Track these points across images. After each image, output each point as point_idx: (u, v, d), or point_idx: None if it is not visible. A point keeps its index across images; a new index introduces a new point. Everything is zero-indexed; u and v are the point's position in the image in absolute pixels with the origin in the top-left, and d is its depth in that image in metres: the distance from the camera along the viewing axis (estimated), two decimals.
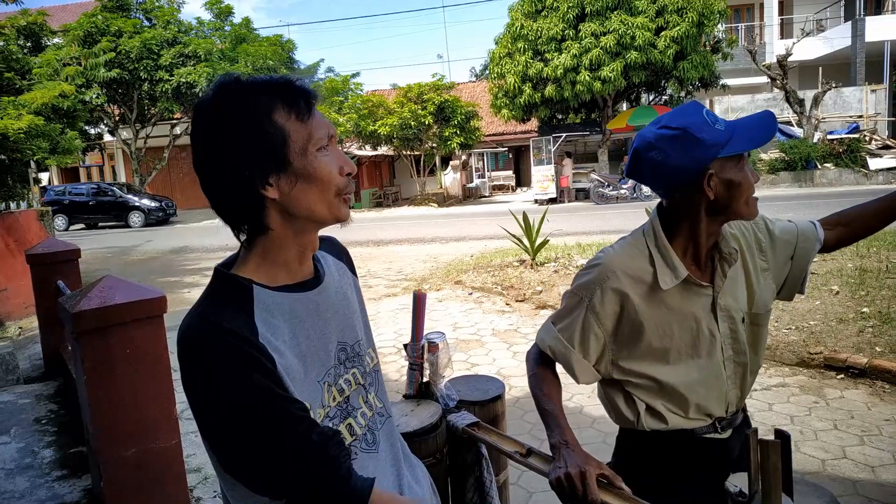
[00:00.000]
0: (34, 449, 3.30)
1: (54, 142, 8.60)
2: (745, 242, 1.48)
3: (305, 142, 0.98)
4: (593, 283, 1.44)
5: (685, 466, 1.44)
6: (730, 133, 1.31)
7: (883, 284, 5.93)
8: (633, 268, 1.42)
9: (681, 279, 1.38)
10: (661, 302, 1.41)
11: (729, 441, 1.48)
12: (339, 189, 1.02)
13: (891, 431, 3.48)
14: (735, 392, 1.47)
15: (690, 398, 1.42)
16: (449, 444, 1.62)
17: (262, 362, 0.93)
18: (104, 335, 2.35)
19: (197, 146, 1.00)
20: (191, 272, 11.16)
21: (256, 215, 1.00)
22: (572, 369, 1.47)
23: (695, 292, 1.41)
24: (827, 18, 25.04)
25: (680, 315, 1.41)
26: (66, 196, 22.96)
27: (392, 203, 26.32)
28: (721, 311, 1.43)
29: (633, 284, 1.41)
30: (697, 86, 20.28)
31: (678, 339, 1.42)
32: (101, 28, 20.90)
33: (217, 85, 0.99)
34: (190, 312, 0.98)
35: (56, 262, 4.56)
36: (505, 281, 7.88)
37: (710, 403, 1.44)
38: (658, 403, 1.44)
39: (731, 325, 1.44)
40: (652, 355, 1.42)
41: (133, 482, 2.45)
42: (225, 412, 0.91)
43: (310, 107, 1.00)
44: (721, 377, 1.44)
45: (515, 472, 3.08)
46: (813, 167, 18.97)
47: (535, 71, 19.09)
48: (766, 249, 1.51)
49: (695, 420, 1.44)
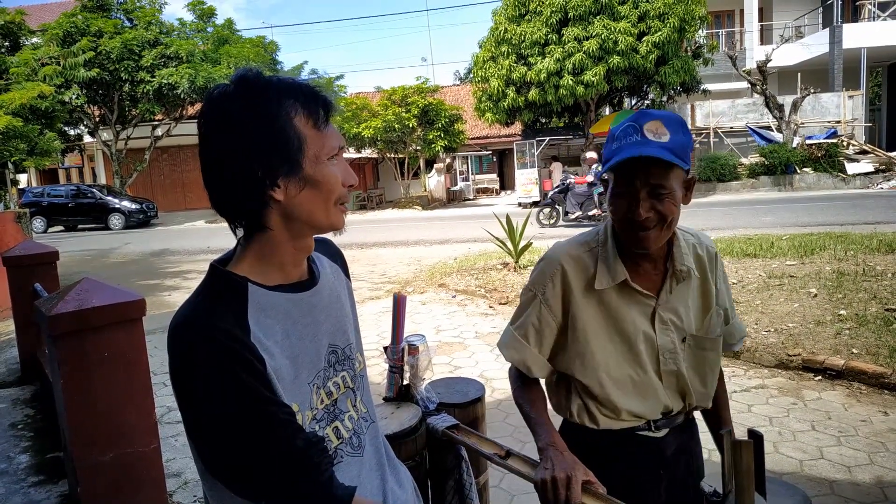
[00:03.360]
0: (10, 454, 3.25)
1: (32, 143, 8.49)
2: (710, 267, 1.48)
3: (319, 150, 0.99)
4: (543, 275, 1.48)
5: (616, 459, 1.46)
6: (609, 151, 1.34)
7: (860, 287, 6.03)
8: (578, 262, 1.45)
9: (617, 282, 1.40)
10: (599, 301, 1.42)
11: (664, 439, 1.49)
12: (339, 198, 1.03)
13: (867, 432, 3.53)
14: (676, 400, 1.47)
15: (621, 404, 1.42)
16: (429, 446, 1.62)
17: (251, 362, 0.92)
18: (81, 338, 2.32)
19: (208, 138, 0.98)
20: (171, 275, 11.04)
21: (257, 214, 1.00)
22: (528, 366, 1.49)
23: (635, 299, 1.41)
24: (805, 25, 25.42)
25: (617, 318, 1.42)
26: (44, 198, 22.67)
27: (376, 206, 26.27)
28: (660, 323, 1.42)
29: (576, 278, 1.44)
30: (679, 90, 20.50)
31: (613, 342, 1.43)
32: (80, 28, 20.66)
33: (239, 78, 0.98)
34: (183, 307, 0.98)
35: (33, 264, 4.49)
36: (488, 283, 7.90)
37: (644, 410, 1.44)
38: (591, 404, 1.46)
39: (671, 339, 1.42)
40: (589, 355, 1.43)
41: (111, 487, 2.41)
42: (209, 410, 0.91)
43: (328, 117, 1.01)
44: (657, 388, 1.44)
45: (498, 474, 3.08)
46: (792, 171, 19.23)
47: (519, 75, 19.17)
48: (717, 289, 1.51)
49: (626, 421, 1.46)
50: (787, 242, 8.67)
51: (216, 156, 0.98)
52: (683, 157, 1.28)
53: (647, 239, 1.33)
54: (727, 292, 1.53)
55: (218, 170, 0.98)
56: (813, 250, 7.99)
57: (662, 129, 1.27)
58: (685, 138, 1.30)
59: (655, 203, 1.29)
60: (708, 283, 1.47)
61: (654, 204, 1.29)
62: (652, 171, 1.27)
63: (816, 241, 8.61)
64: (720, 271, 1.50)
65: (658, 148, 1.25)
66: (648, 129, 1.28)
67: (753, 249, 8.31)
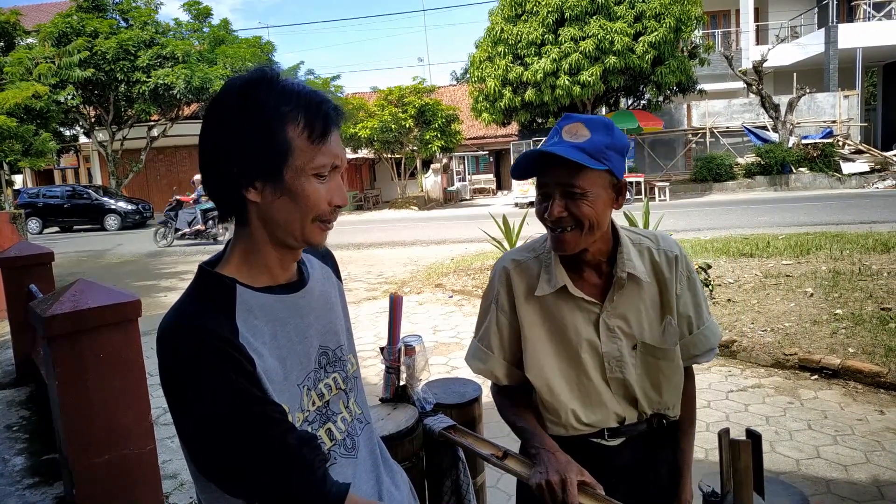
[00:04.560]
0: (5, 456, 3.23)
1: (28, 143, 8.46)
2: (668, 273, 1.41)
3: (305, 163, 0.97)
4: (494, 281, 1.49)
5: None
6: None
7: (856, 286, 6.04)
8: (522, 268, 1.45)
9: (555, 289, 1.38)
10: (541, 307, 1.41)
11: (617, 450, 1.43)
12: (318, 216, 1.01)
13: (863, 431, 3.54)
14: (627, 409, 1.41)
15: (565, 412, 1.40)
16: (425, 447, 1.61)
17: (240, 363, 0.92)
18: (76, 340, 2.31)
19: (204, 123, 1.00)
20: (167, 276, 11.02)
21: (238, 210, 1.00)
22: (495, 375, 1.49)
23: (578, 305, 1.39)
24: (801, 25, 25.49)
25: (559, 324, 1.40)
26: (40, 199, 22.61)
27: (372, 206, 26.25)
28: (606, 330, 1.38)
29: (519, 283, 1.44)
30: (675, 90, 20.55)
31: (556, 348, 1.41)
32: (76, 28, 20.63)
33: (256, 72, 0.99)
34: (171, 309, 0.97)
35: (28, 265, 4.47)
36: (485, 284, 7.88)
37: (595, 418, 1.40)
38: (542, 409, 1.44)
39: (617, 347, 1.38)
40: (534, 360, 1.42)
41: (106, 489, 2.40)
42: (199, 411, 0.90)
43: (325, 133, 0.99)
44: (604, 395, 1.40)
45: (494, 475, 3.08)
46: (788, 171, 19.29)
47: (516, 75, 19.19)
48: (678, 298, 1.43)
49: (577, 430, 1.41)
50: (783, 242, 8.68)
51: (204, 142, 0.99)
52: (600, 157, 1.24)
53: (562, 241, 1.31)
54: (693, 299, 1.44)
55: (204, 157, 1.00)
56: (809, 250, 8.01)
57: (583, 131, 1.25)
58: (608, 139, 1.26)
59: (569, 204, 1.27)
60: (666, 290, 1.40)
61: (567, 205, 1.27)
62: (561, 171, 1.25)
63: (812, 240, 8.63)
64: (683, 276, 1.42)
65: (568, 147, 1.23)
66: (567, 131, 1.27)
67: (749, 249, 8.33)
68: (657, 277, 1.40)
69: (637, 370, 1.39)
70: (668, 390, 1.42)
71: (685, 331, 1.43)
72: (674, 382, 1.43)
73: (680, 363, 1.43)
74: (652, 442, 1.46)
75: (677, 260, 1.42)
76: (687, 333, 1.44)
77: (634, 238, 1.43)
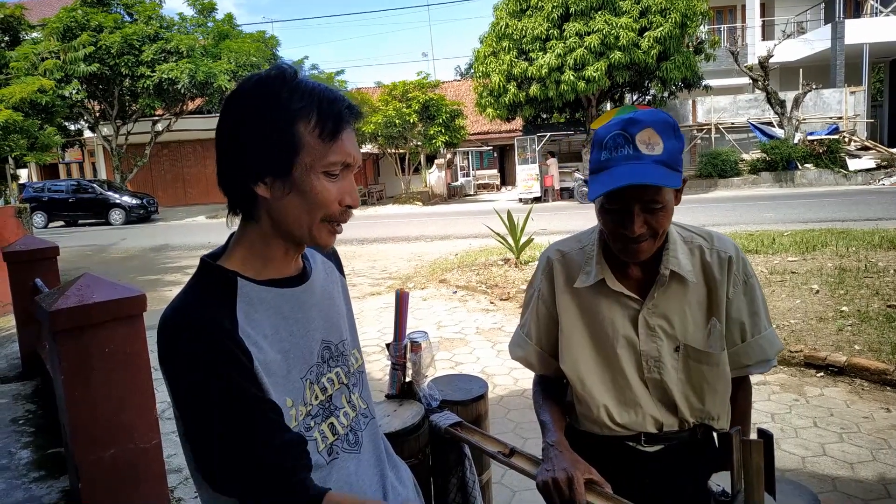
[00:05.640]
0: (11, 450, 3.24)
1: (33, 138, 8.47)
2: (720, 274, 1.35)
3: (315, 160, 0.97)
4: (538, 271, 1.49)
5: (602, 465, 1.32)
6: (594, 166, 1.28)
7: (862, 283, 6.01)
8: (566, 258, 1.45)
9: (594, 281, 1.37)
10: (580, 299, 1.41)
11: (655, 456, 1.38)
12: (327, 215, 1.00)
13: (869, 429, 3.52)
14: (666, 414, 1.36)
15: (597, 407, 1.38)
16: (431, 444, 1.61)
17: (237, 357, 0.92)
18: (82, 334, 2.31)
19: (222, 115, 1.00)
20: (172, 270, 11.04)
21: (247, 204, 1.00)
22: (530, 363, 1.50)
23: (617, 300, 1.36)
24: (807, 21, 25.33)
25: (595, 318, 1.39)
26: (45, 193, 22.67)
27: (377, 201, 26.24)
28: (646, 328, 1.34)
29: (560, 274, 1.44)
30: (680, 86, 20.42)
31: (590, 341, 1.40)
32: (80, 23, 20.60)
33: (275, 68, 0.99)
34: (173, 301, 0.98)
35: (34, 259, 4.48)
36: (489, 279, 7.88)
37: (626, 419, 1.37)
38: (576, 403, 1.44)
39: (657, 346, 1.34)
40: (569, 351, 1.42)
41: (112, 483, 2.41)
42: (193, 403, 0.91)
43: (337, 131, 0.98)
44: (640, 396, 1.36)
45: (499, 470, 3.07)
46: (794, 167, 19.19)
47: (520, 70, 19.12)
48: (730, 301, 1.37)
49: (611, 429, 1.38)
50: (789, 239, 8.65)
51: (219, 135, 1.00)
52: (677, 164, 1.21)
53: (640, 251, 1.28)
54: (749, 306, 1.36)
55: (218, 149, 1.00)
56: (814, 246, 7.97)
57: (655, 138, 1.20)
58: (678, 143, 1.22)
59: (649, 218, 1.23)
60: (715, 292, 1.34)
61: (647, 219, 1.23)
62: (648, 189, 1.20)
63: (818, 237, 8.58)
64: (738, 280, 1.35)
65: (653, 165, 1.18)
66: (641, 141, 1.19)
67: (755, 246, 8.29)
68: (706, 278, 1.35)
69: (678, 374, 1.35)
70: (712, 398, 1.36)
71: (737, 338, 1.36)
72: (719, 390, 1.36)
73: (727, 370, 1.35)
74: (695, 454, 1.39)
75: (731, 262, 1.35)
76: (739, 341, 1.36)
77: (686, 235, 1.39)
